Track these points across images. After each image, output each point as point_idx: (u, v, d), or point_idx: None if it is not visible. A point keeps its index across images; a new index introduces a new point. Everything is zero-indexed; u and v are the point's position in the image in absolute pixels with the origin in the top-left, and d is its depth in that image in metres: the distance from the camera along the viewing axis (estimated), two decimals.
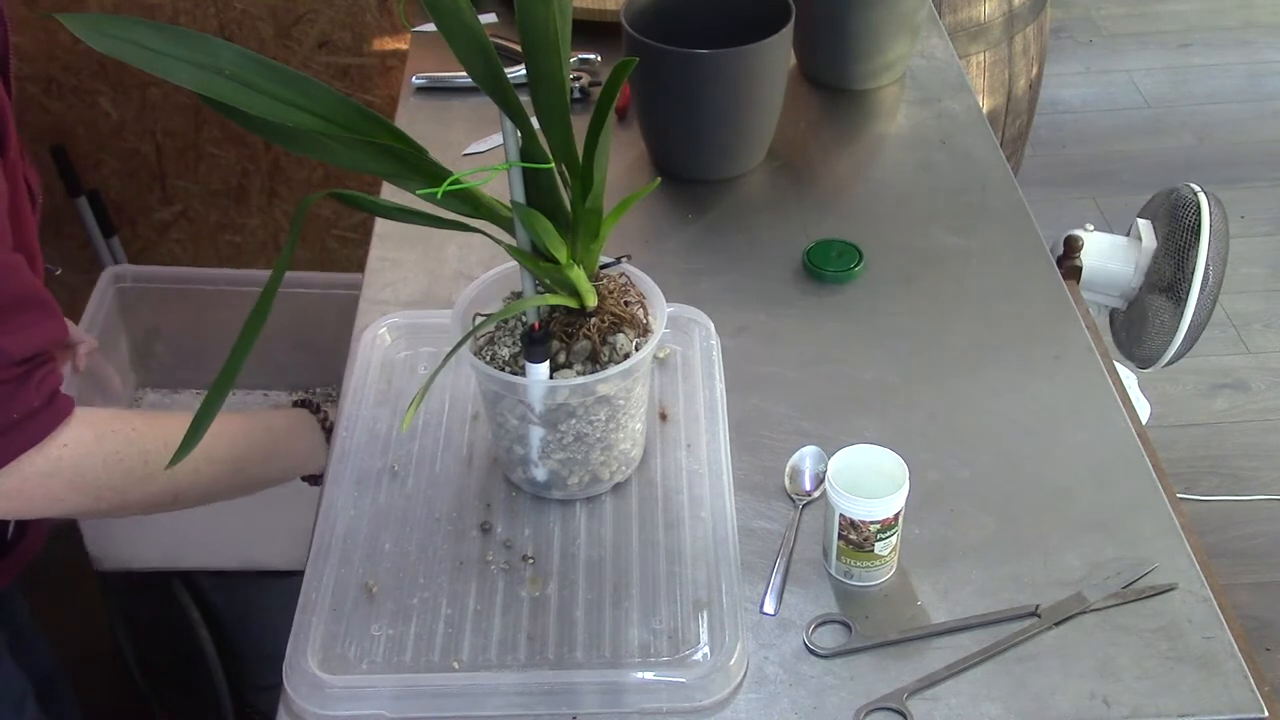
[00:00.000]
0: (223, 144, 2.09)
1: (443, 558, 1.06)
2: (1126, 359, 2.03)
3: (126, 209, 2.17)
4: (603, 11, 1.68)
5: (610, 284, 1.06)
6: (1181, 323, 1.86)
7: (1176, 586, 1.02)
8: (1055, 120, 3.35)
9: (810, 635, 1.00)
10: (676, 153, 1.50)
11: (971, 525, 1.08)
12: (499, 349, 1.05)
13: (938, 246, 1.38)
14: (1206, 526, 2.30)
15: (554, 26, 0.87)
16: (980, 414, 1.18)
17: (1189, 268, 1.84)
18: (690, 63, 1.39)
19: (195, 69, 0.86)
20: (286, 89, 0.90)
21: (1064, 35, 3.67)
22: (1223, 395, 2.60)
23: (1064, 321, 1.28)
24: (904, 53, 1.63)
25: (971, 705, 0.95)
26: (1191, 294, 1.84)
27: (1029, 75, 2.49)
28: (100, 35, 0.83)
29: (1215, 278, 1.87)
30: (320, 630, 0.99)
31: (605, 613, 1.01)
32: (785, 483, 1.12)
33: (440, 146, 1.54)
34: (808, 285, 1.34)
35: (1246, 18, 3.77)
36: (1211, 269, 1.85)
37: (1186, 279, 1.85)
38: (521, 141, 0.94)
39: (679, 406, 1.18)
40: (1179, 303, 1.87)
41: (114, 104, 2.02)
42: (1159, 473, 1.13)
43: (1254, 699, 0.94)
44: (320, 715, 0.94)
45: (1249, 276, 2.83)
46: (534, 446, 1.06)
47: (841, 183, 1.50)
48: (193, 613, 1.87)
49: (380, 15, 1.99)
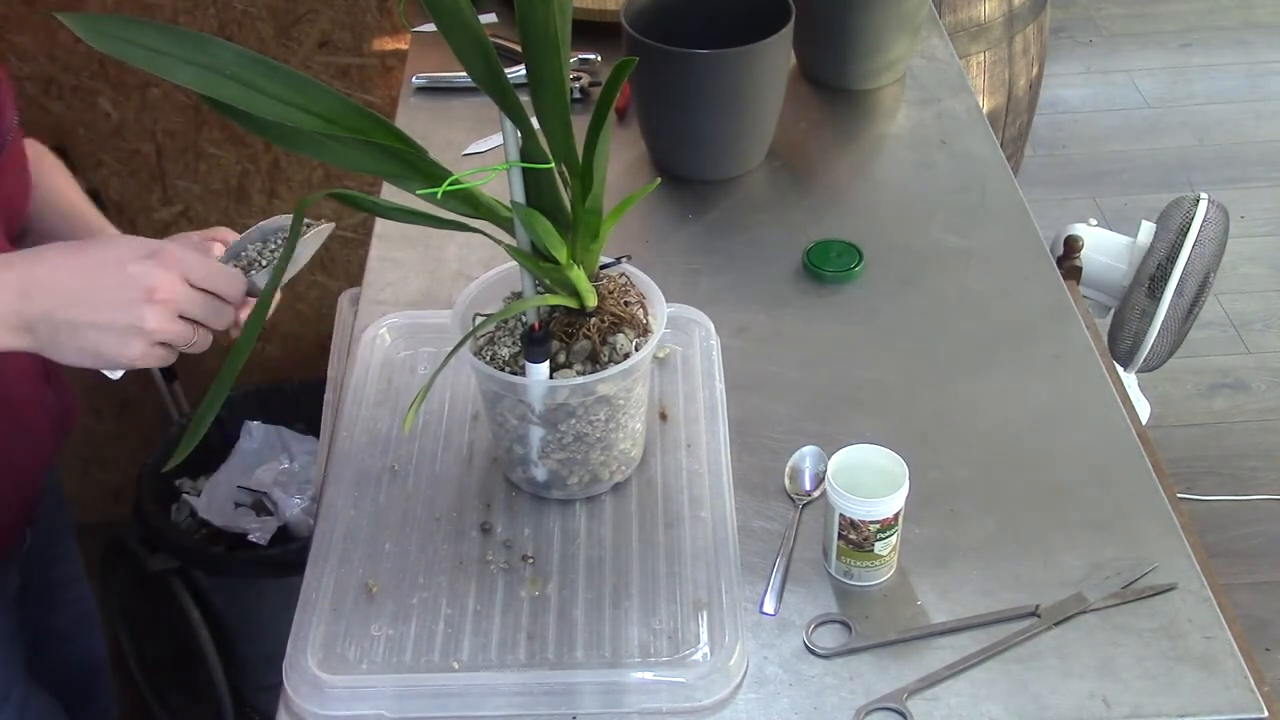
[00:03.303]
0: (223, 144, 2.09)
1: (443, 558, 1.06)
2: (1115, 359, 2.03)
3: (127, 209, 2.16)
4: (603, 11, 1.68)
5: (610, 284, 1.06)
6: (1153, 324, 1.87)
7: (1176, 586, 1.02)
8: (1055, 120, 3.35)
9: (810, 635, 1.00)
10: (676, 153, 1.50)
11: (971, 525, 1.08)
12: (499, 349, 1.05)
13: (938, 246, 1.38)
14: (1206, 526, 2.30)
15: (554, 26, 0.87)
16: (980, 414, 1.18)
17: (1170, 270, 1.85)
18: (690, 63, 1.39)
19: (195, 69, 0.86)
20: (287, 89, 0.90)
21: (1064, 35, 3.67)
22: (1222, 395, 2.60)
23: (1064, 321, 1.28)
24: (904, 53, 1.63)
25: (971, 705, 0.95)
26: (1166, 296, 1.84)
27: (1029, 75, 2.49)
28: (100, 35, 0.84)
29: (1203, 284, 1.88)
30: (320, 630, 0.99)
31: (605, 613, 1.01)
32: (785, 483, 1.12)
33: (440, 146, 1.54)
34: (808, 285, 1.34)
35: (1246, 18, 3.77)
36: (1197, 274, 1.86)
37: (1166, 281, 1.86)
38: (521, 141, 0.94)
39: (679, 406, 1.18)
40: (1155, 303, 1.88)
41: (114, 104, 2.02)
42: (1159, 473, 1.13)
43: (1254, 699, 0.94)
44: (320, 715, 0.94)
45: (1249, 276, 2.83)
46: (534, 446, 1.06)
47: (841, 183, 1.50)
48: (193, 613, 1.87)
49: (380, 15, 1.99)
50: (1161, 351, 1.94)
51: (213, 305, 0.94)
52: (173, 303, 0.91)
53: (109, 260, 0.92)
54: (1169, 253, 1.88)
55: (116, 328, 0.91)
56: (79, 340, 0.91)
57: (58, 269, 0.92)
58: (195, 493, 2.07)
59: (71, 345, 0.91)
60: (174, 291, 0.91)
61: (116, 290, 0.91)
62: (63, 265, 0.92)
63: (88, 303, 0.90)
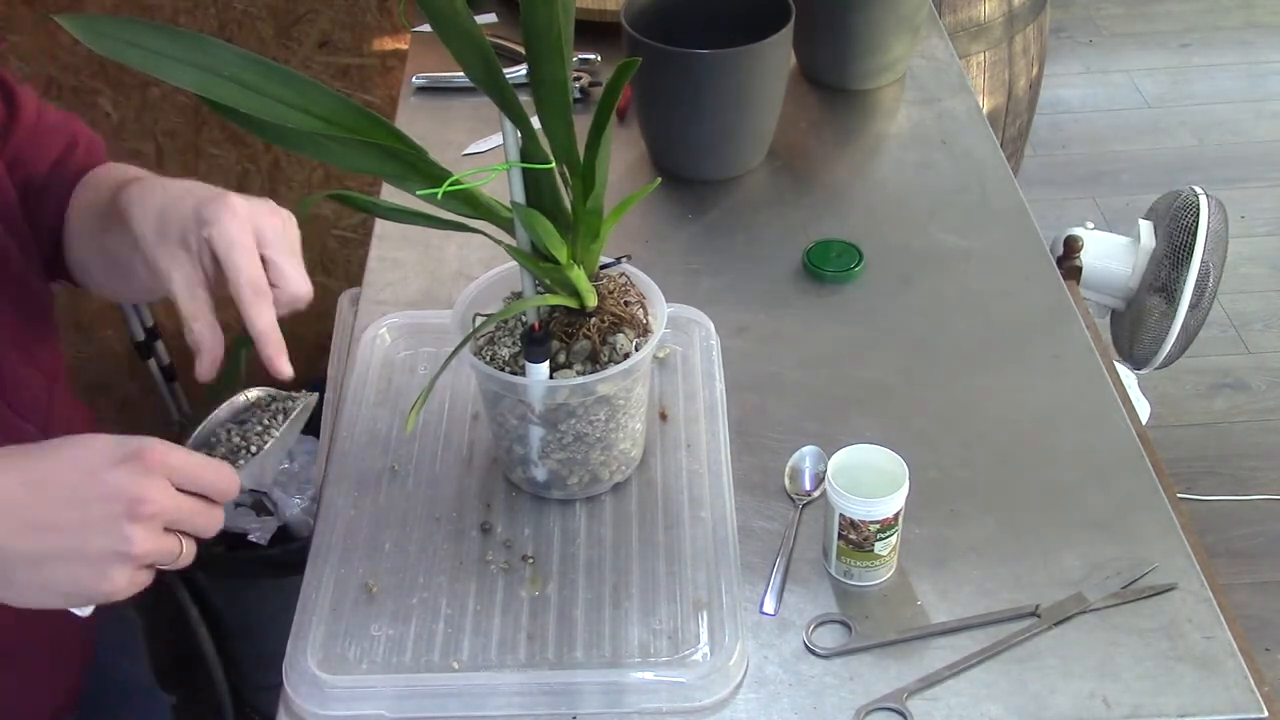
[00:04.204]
0: (223, 144, 2.09)
1: (443, 558, 1.06)
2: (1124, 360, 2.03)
3: None
4: (603, 11, 1.68)
5: (610, 284, 1.06)
6: (1174, 324, 1.87)
7: (1176, 586, 1.02)
8: (1055, 120, 3.35)
9: (810, 635, 1.00)
10: (676, 153, 1.50)
11: (971, 525, 1.08)
12: (499, 349, 1.05)
13: (938, 246, 1.38)
14: (1206, 526, 2.30)
15: (558, 27, 0.87)
16: (980, 414, 1.18)
17: (1184, 269, 1.85)
18: (690, 63, 1.39)
19: (195, 70, 0.86)
20: (286, 89, 0.89)
21: (1064, 35, 3.67)
22: (1223, 395, 2.60)
23: (1064, 321, 1.28)
24: (904, 53, 1.63)
25: (971, 705, 0.95)
26: (1184, 296, 1.84)
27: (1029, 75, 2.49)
28: (99, 36, 0.83)
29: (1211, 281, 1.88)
30: (320, 630, 0.99)
31: (605, 613, 1.01)
32: (785, 483, 1.12)
33: (440, 146, 1.54)
34: (808, 285, 1.34)
35: (1246, 18, 3.77)
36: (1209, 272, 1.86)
37: (1181, 280, 1.85)
38: (521, 141, 0.94)
39: (679, 406, 1.18)
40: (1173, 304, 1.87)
41: (114, 104, 2.02)
42: (1159, 473, 1.13)
43: (1254, 699, 0.94)
44: (320, 715, 0.94)
45: (1249, 276, 2.83)
46: (534, 446, 1.06)
47: (841, 183, 1.50)
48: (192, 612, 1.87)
49: (380, 15, 1.99)
50: (1175, 351, 1.94)
51: (202, 510, 0.78)
52: (161, 515, 0.74)
53: (77, 469, 0.73)
54: (1177, 252, 1.88)
55: (93, 555, 0.73)
56: (42, 576, 0.73)
57: (6, 487, 0.73)
58: None
59: (32, 583, 0.73)
60: (163, 502, 0.74)
61: (92, 507, 0.73)
62: (12, 482, 0.73)
63: (53, 528, 0.72)
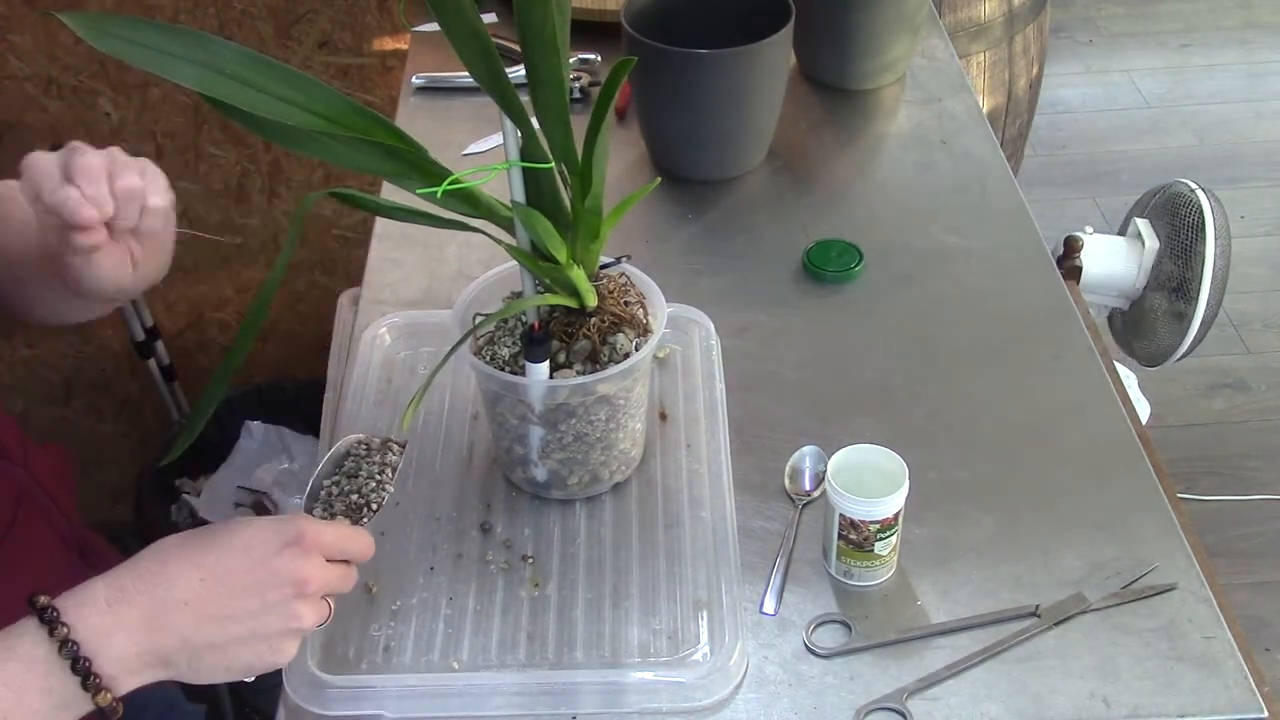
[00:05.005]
0: (223, 144, 2.09)
1: (442, 558, 1.06)
2: (1131, 357, 2.03)
3: None
4: (603, 11, 1.68)
5: (610, 284, 1.06)
6: (1194, 320, 1.86)
7: (1176, 586, 1.02)
8: (1055, 120, 3.35)
9: (810, 635, 1.00)
10: (676, 153, 1.50)
11: (971, 525, 1.08)
12: (499, 349, 1.05)
13: (938, 246, 1.38)
14: (1206, 526, 2.30)
15: (552, 26, 0.87)
16: (980, 414, 1.18)
17: (1197, 265, 1.85)
18: (690, 63, 1.39)
19: (196, 68, 0.86)
20: (287, 88, 0.89)
21: (1064, 35, 3.67)
22: (1223, 395, 2.60)
23: (1064, 321, 1.28)
24: (904, 53, 1.63)
25: (971, 705, 0.95)
26: (1203, 291, 1.84)
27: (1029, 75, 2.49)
28: (101, 34, 0.83)
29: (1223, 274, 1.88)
30: (320, 630, 0.99)
31: (605, 613, 1.01)
32: (785, 483, 1.12)
33: (440, 146, 1.54)
34: (808, 285, 1.34)
35: (1246, 18, 3.77)
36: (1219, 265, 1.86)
37: (1196, 276, 1.85)
38: (521, 141, 0.94)
39: (679, 406, 1.18)
40: (1189, 300, 1.87)
41: (114, 104, 2.02)
42: (1159, 473, 1.13)
43: (1254, 699, 0.94)
44: (320, 715, 0.94)
45: (1249, 276, 2.83)
46: (534, 446, 1.06)
47: (841, 183, 1.50)
48: None
49: (380, 15, 1.99)
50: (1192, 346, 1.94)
51: (348, 574, 0.86)
52: (321, 590, 0.83)
53: (249, 558, 0.81)
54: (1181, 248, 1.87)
55: (270, 634, 0.81)
56: (226, 658, 0.80)
57: (187, 587, 0.79)
58: (195, 493, 2.08)
59: (218, 666, 0.81)
60: (322, 578, 0.83)
61: (267, 593, 0.80)
62: (192, 579, 0.80)
63: (231, 618, 0.79)
